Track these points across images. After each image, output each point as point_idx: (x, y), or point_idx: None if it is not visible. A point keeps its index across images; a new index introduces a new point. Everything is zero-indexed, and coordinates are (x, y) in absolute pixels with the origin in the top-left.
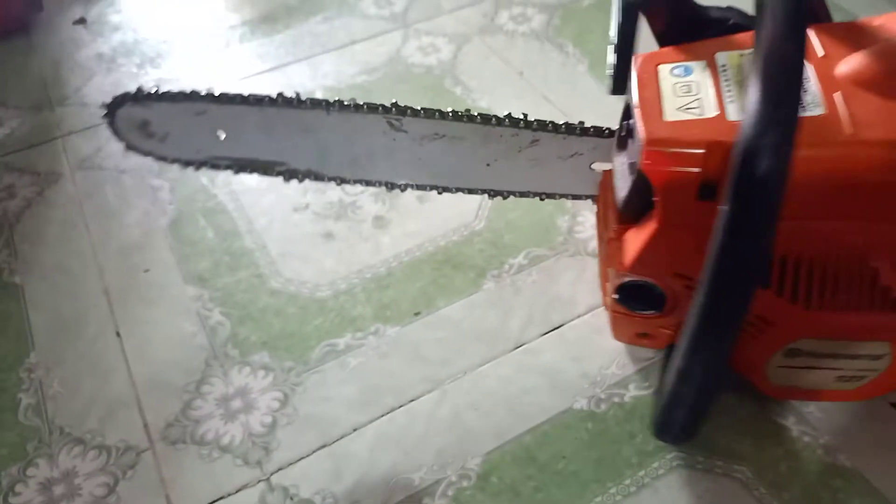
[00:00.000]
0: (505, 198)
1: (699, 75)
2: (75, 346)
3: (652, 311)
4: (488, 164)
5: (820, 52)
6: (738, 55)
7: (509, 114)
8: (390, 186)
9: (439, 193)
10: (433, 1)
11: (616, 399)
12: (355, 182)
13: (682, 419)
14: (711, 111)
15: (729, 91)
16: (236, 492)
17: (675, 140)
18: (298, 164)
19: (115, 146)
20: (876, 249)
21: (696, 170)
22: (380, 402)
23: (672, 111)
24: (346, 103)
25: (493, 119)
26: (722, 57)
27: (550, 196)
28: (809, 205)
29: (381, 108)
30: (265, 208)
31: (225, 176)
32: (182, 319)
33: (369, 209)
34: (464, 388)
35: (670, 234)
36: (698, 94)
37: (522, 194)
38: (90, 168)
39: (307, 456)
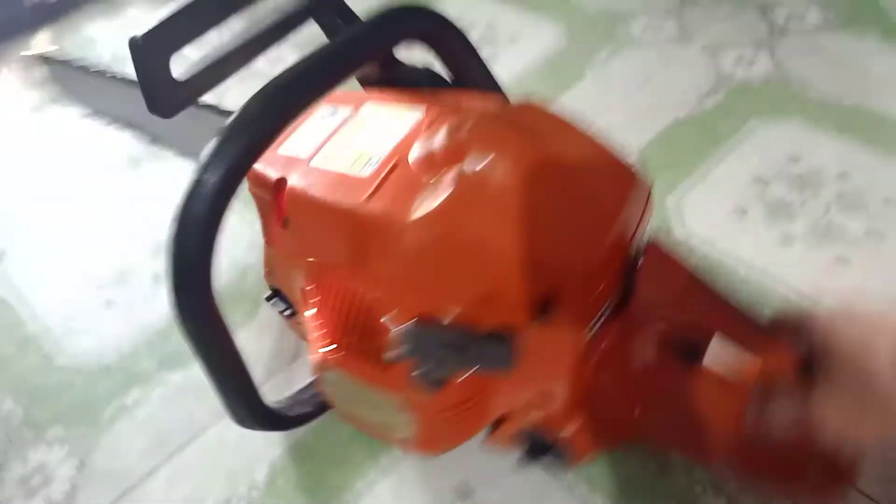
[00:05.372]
0: None
1: (334, 120)
2: None
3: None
4: None
5: (427, 122)
6: (378, 109)
7: None
8: None
9: None
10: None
11: None
12: None
13: (237, 406)
14: (310, 149)
15: (337, 138)
16: None
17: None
18: None
19: None
20: (379, 304)
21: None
22: (170, 443)
23: (289, 145)
24: None
25: None
26: (369, 106)
27: None
28: (318, 244)
29: None
30: (47, 293)
31: (3, 270)
32: None
33: (146, 269)
34: None
35: (268, 248)
36: (316, 136)
37: None
38: None
39: None
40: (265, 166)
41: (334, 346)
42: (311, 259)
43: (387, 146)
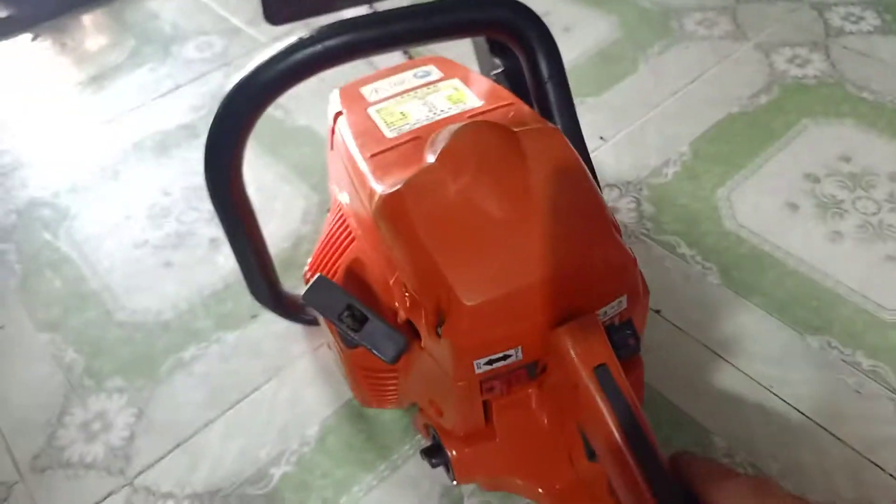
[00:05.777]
0: None
1: (420, 80)
2: None
3: None
4: None
5: (479, 105)
6: (454, 88)
7: None
8: None
9: None
10: (249, 36)
11: None
12: None
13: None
14: (379, 96)
15: (406, 96)
16: (104, 499)
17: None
18: None
19: None
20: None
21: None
22: (225, 398)
23: (372, 86)
24: None
25: None
26: (452, 82)
27: None
28: (338, 176)
29: None
30: (107, 252)
31: (67, 228)
32: (38, 364)
33: (204, 233)
34: (300, 369)
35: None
36: (394, 88)
37: None
38: None
39: (164, 456)
40: (342, 96)
41: (310, 270)
42: (334, 186)
43: (424, 120)
